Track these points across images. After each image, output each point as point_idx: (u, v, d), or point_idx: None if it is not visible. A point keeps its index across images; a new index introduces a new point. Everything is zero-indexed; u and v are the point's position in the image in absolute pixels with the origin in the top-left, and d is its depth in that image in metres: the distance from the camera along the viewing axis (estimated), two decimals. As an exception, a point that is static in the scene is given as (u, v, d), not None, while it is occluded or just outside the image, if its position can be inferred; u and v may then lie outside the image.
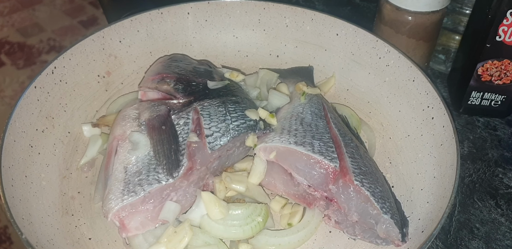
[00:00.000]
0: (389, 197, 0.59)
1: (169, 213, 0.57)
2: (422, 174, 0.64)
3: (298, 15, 0.77)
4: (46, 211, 0.60)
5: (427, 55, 0.78)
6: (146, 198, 0.56)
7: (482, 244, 0.64)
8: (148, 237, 0.57)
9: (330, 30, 0.76)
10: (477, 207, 0.68)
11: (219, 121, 0.61)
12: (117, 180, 0.57)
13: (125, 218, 0.55)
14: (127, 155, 0.59)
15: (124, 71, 0.76)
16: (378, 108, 0.74)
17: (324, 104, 0.69)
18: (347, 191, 0.57)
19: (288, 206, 0.63)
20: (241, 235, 0.58)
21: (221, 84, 0.68)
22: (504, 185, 0.71)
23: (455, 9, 0.79)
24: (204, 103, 0.63)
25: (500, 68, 0.71)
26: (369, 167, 0.61)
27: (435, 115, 0.65)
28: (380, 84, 0.74)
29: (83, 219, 0.62)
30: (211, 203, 0.57)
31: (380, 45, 0.72)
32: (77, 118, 0.70)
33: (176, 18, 0.77)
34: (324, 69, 0.79)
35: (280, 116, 0.66)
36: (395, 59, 0.71)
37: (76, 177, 0.66)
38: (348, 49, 0.76)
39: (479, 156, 0.74)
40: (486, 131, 0.77)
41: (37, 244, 0.53)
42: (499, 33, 0.67)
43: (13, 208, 0.54)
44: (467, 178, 0.72)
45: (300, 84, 0.71)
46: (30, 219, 0.56)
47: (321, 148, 0.59)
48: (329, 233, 0.62)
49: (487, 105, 0.76)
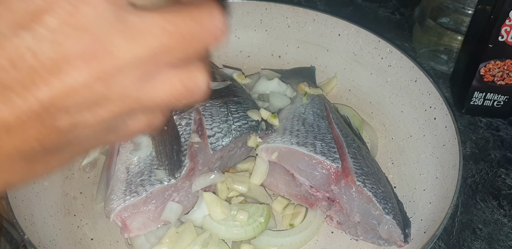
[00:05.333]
0: (391, 198, 0.59)
1: (171, 214, 0.57)
2: (424, 175, 0.64)
3: (300, 15, 0.77)
4: (48, 211, 0.60)
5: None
6: (148, 199, 0.56)
7: (484, 245, 0.64)
8: (150, 237, 0.57)
9: (332, 31, 0.76)
10: (479, 208, 0.68)
11: (221, 122, 0.61)
12: (119, 180, 0.57)
13: (127, 218, 0.55)
14: (129, 155, 0.59)
15: (126, 71, 0.76)
16: (380, 109, 0.74)
17: (326, 105, 0.68)
18: (349, 192, 0.57)
19: (290, 206, 0.63)
20: (243, 236, 0.58)
21: (223, 85, 0.68)
22: (507, 186, 0.70)
23: (457, 9, 0.78)
24: (206, 104, 0.63)
25: (502, 68, 0.71)
26: (371, 167, 0.61)
27: (437, 115, 0.65)
28: (382, 84, 0.73)
29: (85, 220, 0.62)
30: (213, 203, 0.57)
31: (382, 45, 0.72)
32: (79, 119, 0.70)
33: (178, 18, 0.77)
34: (326, 69, 0.79)
35: (282, 117, 0.66)
36: (397, 60, 0.71)
37: (78, 177, 0.66)
38: (350, 49, 0.76)
39: (481, 156, 0.74)
40: (489, 131, 0.77)
41: (39, 244, 0.53)
42: (502, 33, 0.67)
43: (16, 208, 0.54)
44: (470, 179, 0.71)
45: (302, 84, 0.71)
46: (32, 219, 0.56)
47: (323, 148, 0.59)
48: (331, 234, 0.62)
49: (489, 105, 0.76)
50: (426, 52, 0.86)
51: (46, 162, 0.29)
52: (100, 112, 0.28)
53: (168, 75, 0.29)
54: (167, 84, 0.29)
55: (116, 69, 0.27)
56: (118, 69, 0.27)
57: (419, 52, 0.87)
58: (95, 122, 0.29)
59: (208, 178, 0.59)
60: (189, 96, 0.30)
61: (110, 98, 0.28)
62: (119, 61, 0.26)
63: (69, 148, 0.30)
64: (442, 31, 0.82)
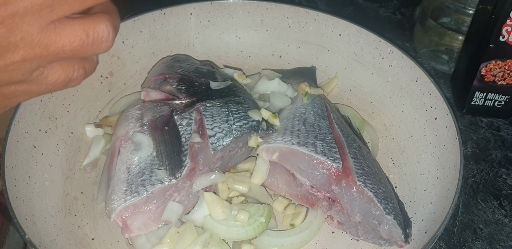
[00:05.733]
0: (392, 198, 0.59)
1: (172, 214, 0.57)
2: (425, 175, 0.64)
3: (300, 15, 0.77)
4: (49, 212, 0.60)
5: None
6: (149, 199, 0.56)
7: (485, 245, 0.64)
8: (150, 237, 0.57)
9: (333, 31, 0.76)
10: (480, 208, 0.68)
11: (221, 122, 0.61)
12: (120, 180, 0.57)
13: (128, 218, 0.55)
14: (129, 155, 0.59)
15: (127, 72, 0.76)
16: (381, 109, 0.74)
17: (326, 105, 0.68)
18: (350, 192, 0.57)
19: (291, 206, 0.63)
20: (243, 236, 0.58)
21: (224, 85, 0.68)
22: (508, 186, 0.70)
23: (458, 9, 0.78)
24: (207, 104, 0.63)
25: (503, 68, 0.71)
26: (372, 167, 0.60)
27: (438, 115, 0.65)
28: (383, 84, 0.73)
29: (86, 220, 0.62)
30: (214, 203, 0.57)
31: (383, 45, 0.72)
32: (80, 119, 0.70)
33: (179, 18, 0.77)
34: (327, 69, 0.79)
35: (283, 117, 0.66)
36: (398, 60, 0.71)
37: (79, 177, 0.66)
38: (351, 49, 0.76)
39: (482, 156, 0.74)
40: (490, 131, 0.77)
41: (40, 244, 0.53)
42: (503, 33, 0.67)
43: (16, 208, 0.54)
44: (471, 179, 0.71)
45: (303, 84, 0.71)
46: (33, 219, 0.56)
47: (323, 148, 0.59)
48: (332, 234, 0.62)
49: (490, 105, 0.76)
50: (427, 52, 0.86)
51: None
52: (9, 56, 0.32)
53: (71, 25, 0.33)
54: (71, 33, 0.33)
55: (14, 14, 0.30)
56: (18, 15, 0.30)
57: (420, 52, 0.87)
58: (8, 67, 0.33)
59: (209, 178, 0.59)
60: (94, 45, 0.34)
61: (17, 43, 0.32)
62: (16, 7, 0.30)
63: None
64: (443, 31, 0.82)
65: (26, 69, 0.34)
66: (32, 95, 0.38)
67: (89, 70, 0.39)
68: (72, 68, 0.36)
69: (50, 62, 0.35)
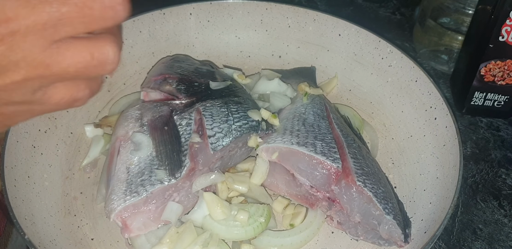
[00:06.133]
0: (391, 198, 0.59)
1: (171, 214, 0.57)
2: (424, 175, 0.64)
3: (300, 15, 0.77)
4: (49, 212, 0.60)
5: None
6: (149, 199, 0.56)
7: (485, 245, 0.64)
8: (150, 237, 0.57)
9: (333, 31, 0.76)
10: (480, 208, 0.68)
11: (221, 122, 0.61)
12: (120, 180, 0.57)
13: (128, 218, 0.55)
14: (129, 155, 0.59)
15: (126, 72, 0.76)
16: (380, 109, 0.74)
17: (326, 105, 0.68)
18: (349, 192, 0.57)
19: (291, 206, 0.63)
20: (243, 236, 0.58)
21: (224, 85, 0.68)
22: (507, 186, 0.70)
23: (458, 9, 0.78)
24: (207, 104, 0.63)
25: (503, 68, 0.71)
26: (371, 167, 0.61)
27: (438, 115, 0.65)
28: (383, 84, 0.73)
29: (86, 220, 0.62)
30: (214, 203, 0.57)
31: (382, 45, 0.72)
32: (79, 119, 0.70)
33: (179, 18, 0.77)
34: (327, 69, 0.79)
35: (283, 117, 0.66)
36: (397, 60, 0.71)
37: (79, 177, 0.66)
38: (350, 49, 0.76)
39: (482, 156, 0.74)
40: (489, 131, 0.77)
41: (39, 244, 0.53)
42: (502, 33, 0.67)
43: (16, 209, 0.54)
44: (470, 179, 0.71)
45: (303, 84, 0.71)
46: (33, 220, 0.56)
47: (323, 148, 0.59)
48: (332, 234, 0.62)
49: (490, 105, 0.76)
50: (426, 52, 0.86)
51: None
52: (10, 75, 0.31)
53: (76, 45, 0.32)
54: (75, 54, 0.32)
55: (15, 32, 0.29)
56: (19, 33, 0.30)
57: (420, 52, 0.87)
58: (8, 86, 0.32)
59: (209, 178, 0.59)
60: (99, 67, 0.33)
61: (18, 62, 0.31)
62: (17, 25, 0.29)
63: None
64: (443, 31, 0.82)
65: (27, 89, 0.33)
66: (35, 115, 0.37)
67: (95, 89, 0.37)
68: (77, 88, 0.35)
69: (53, 83, 0.34)
